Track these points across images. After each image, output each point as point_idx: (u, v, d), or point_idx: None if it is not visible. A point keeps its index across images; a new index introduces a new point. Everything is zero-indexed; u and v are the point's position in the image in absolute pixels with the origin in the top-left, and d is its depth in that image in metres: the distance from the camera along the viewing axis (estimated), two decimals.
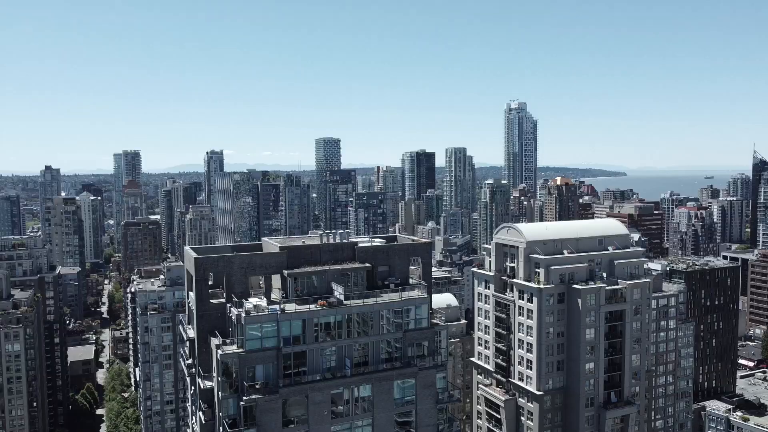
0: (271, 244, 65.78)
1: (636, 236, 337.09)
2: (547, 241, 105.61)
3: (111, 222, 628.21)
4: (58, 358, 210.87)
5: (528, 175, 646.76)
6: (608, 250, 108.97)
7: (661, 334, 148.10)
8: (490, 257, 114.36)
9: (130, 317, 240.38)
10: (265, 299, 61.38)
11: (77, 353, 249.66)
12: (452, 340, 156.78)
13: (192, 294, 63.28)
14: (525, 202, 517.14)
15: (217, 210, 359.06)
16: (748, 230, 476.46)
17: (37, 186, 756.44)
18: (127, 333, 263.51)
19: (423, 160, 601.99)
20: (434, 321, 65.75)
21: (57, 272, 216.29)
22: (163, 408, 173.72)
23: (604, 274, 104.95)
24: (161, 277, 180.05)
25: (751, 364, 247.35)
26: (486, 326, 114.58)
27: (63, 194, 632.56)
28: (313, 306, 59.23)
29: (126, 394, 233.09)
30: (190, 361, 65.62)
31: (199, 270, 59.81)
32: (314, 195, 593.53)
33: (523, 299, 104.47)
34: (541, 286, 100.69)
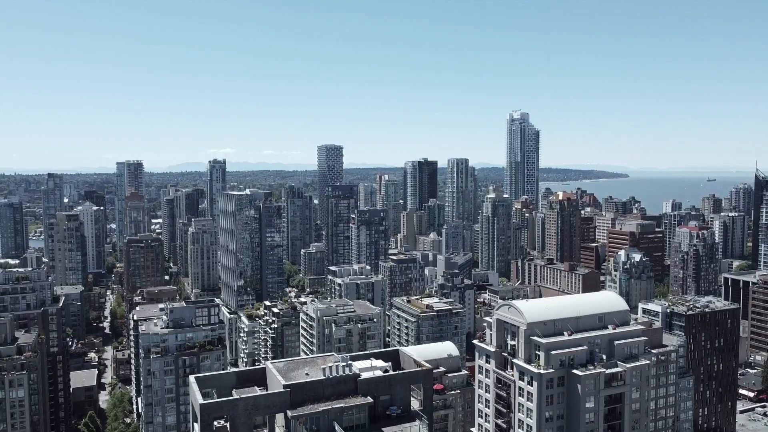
0: (275, 378, 66.50)
1: (637, 257, 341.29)
2: (547, 322, 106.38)
3: (113, 226, 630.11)
4: (61, 390, 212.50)
5: (530, 184, 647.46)
6: (608, 328, 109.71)
7: (661, 390, 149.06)
8: (491, 330, 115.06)
9: (132, 343, 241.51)
10: None
11: (79, 378, 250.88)
12: (453, 392, 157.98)
13: (197, 427, 64.16)
14: (527, 214, 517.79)
15: (220, 230, 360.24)
16: (750, 244, 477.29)
17: (40, 187, 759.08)
18: (129, 354, 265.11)
19: (425, 169, 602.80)
20: None
21: (60, 305, 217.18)
22: None
23: (604, 357, 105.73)
24: (163, 318, 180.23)
25: (752, 394, 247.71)
26: (486, 400, 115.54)
27: (66, 200, 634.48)
28: None
29: (128, 420, 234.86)
30: None
31: (204, 416, 60.71)
32: (316, 201, 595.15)
33: (523, 380, 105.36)
34: (542, 371, 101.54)
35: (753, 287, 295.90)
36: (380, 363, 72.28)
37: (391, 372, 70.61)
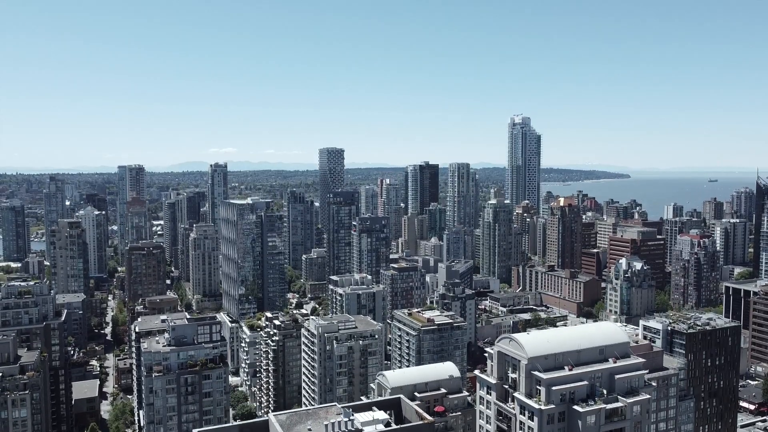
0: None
1: (638, 265, 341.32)
2: (548, 356, 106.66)
3: (115, 228, 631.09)
4: (63, 403, 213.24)
5: (531, 188, 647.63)
6: (608, 361, 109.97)
7: (661, 413, 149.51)
8: (492, 362, 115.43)
9: (134, 355, 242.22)
10: None
11: (81, 389, 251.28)
12: (454, 414, 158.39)
13: None
14: (528, 219, 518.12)
15: (221, 238, 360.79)
16: (751, 250, 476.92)
17: (41, 188, 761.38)
18: (131, 364, 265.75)
19: (426, 172, 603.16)
20: None
21: (62, 318, 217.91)
22: None
23: (605, 391, 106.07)
24: (165, 335, 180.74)
25: (752, 407, 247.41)
26: (488, 431, 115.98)
27: (67, 202, 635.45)
28: None
29: (129, 431, 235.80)
30: None
31: None
32: (317, 204, 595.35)
33: (524, 415, 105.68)
34: (543, 407, 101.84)
35: (754, 298, 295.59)
36: (382, 415, 72.66)
37: (393, 426, 71.04)
